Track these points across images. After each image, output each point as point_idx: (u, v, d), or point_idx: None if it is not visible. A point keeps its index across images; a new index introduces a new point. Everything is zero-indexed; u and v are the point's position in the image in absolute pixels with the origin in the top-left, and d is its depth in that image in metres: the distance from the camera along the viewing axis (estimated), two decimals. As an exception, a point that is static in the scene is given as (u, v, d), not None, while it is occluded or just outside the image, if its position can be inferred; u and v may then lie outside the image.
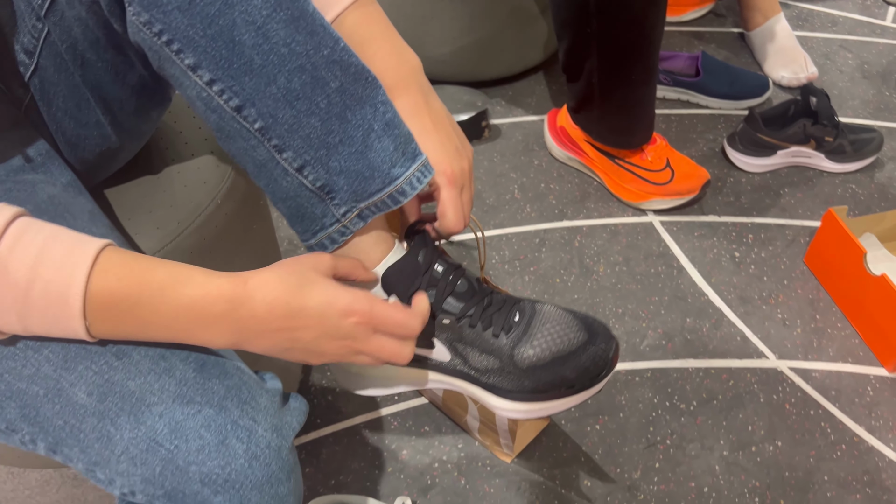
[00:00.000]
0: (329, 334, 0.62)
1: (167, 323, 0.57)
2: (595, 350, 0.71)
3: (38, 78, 0.70)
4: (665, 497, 1.09)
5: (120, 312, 0.55)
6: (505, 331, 0.71)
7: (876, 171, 1.57)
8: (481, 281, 0.74)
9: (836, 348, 1.27)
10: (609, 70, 1.33)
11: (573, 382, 0.71)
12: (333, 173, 0.64)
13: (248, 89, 0.60)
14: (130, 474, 0.59)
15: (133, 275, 0.56)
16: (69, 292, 0.53)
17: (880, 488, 1.10)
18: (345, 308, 0.61)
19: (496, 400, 0.73)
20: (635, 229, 1.46)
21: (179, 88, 0.64)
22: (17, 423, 0.61)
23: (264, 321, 0.59)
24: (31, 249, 0.53)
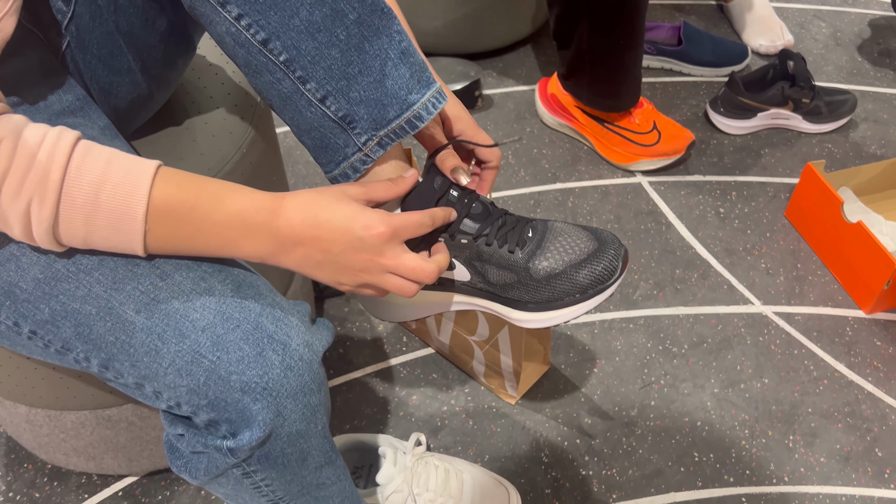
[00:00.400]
0: (354, 246, 0.65)
1: (218, 230, 0.62)
2: (605, 256, 0.76)
3: (75, 25, 0.74)
4: (661, 431, 1.16)
5: (177, 218, 0.60)
6: (520, 246, 0.76)
7: (850, 131, 1.65)
8: (493, 203, 0.79)
9: (816, 293, 1.35)
10: (598, 35, 1.40)
11: (587, 288, 0.76)
12: (354, 103, 0.68)
13: (272, 23, 0.65)
14: (177, 386, 0.64)
15: (191, 183, 0.61)
16: (134, 196, 0.58)
17: (860, 418, 1.18)
18: (366, 222, 0.65)
19: (517, 313, 0.78)
20: (625, 189, 1.53)
21: (209, 26, 0.68)
22: (71, 342, 0.65)
23: (297, 230, 0.64)
24: (100, 160, 0.58)
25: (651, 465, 1.12)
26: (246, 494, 0.74)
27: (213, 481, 0.72)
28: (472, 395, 1.20)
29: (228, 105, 0.91)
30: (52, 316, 0.64)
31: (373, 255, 0.66)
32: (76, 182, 0.56)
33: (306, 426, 0.68)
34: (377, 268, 0.67)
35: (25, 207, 0.56)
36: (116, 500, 1.09)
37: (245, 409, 0.64)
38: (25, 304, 0.64)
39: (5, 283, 0.64)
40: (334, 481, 0.79)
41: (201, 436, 0.67)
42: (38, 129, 0.57)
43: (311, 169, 1.57)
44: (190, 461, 0.71)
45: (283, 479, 0.72)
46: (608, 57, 1.43)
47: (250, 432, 0.64)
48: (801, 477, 1.11)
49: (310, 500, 0.78)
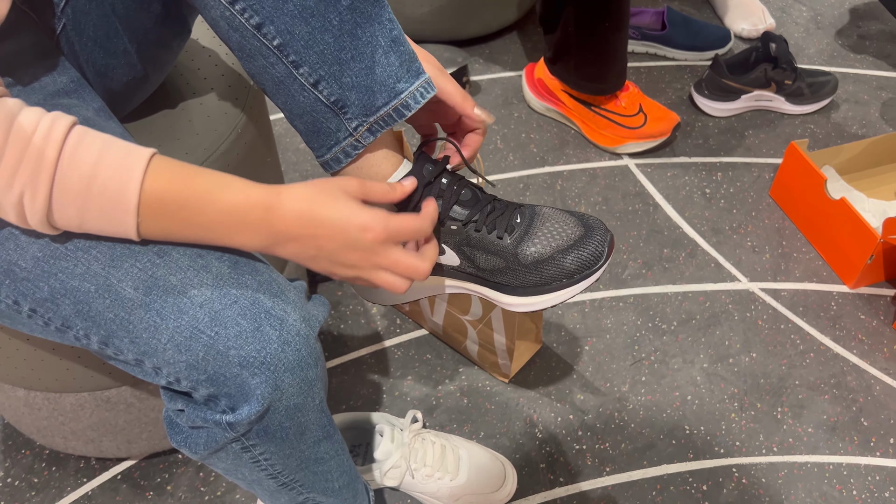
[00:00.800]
0: (349, 246, 0.65)
1: (210, 225, 0.62)
2: (592, 242, 0.78)
3: (71, 8, 0.75)
4: (652, 406, 1.18)
5: (169, 212, 0.61)
6: (508, 232, 0.77)
7: (832, 112, 1.68)
8: (483, 189, 0.81)
9: (801, 270, 1.37)
10: (584, 18, 1.41)
11: (574, 273, 0.78)
12: (346, 88, 0.69)
13: (266, 7, 0.65)
14: (176, 361, 0.65)
15: (181, 178, 0.61)
16: (126, 189, 0.58)
17: (846, 389, 1.20)
18: (363, 223, 0.65)
19: (506, 297, 0.80)
20: (612, 172, 1.55)
21: (203, 10, 0.69)
22: (71, 320, 0.66)
23: (292, 227, 0.63)
24: (92, 149, 0.58)
25: (643, 438, 1.14)
26: (245, 469, 0.75)
27: (212, 456, 0.73)
28: (465, 374, 1.22)
29: (222, 86, 0.92)
30: (52, 294, 0.65)
31: (367, 254, 0.67)
32: (68, 174, 0.57)
33: (304, 400, 0.69)
34: (371, 266, 0.68)
35: (18, 198, 0.56)
36: (115, 483, 1.09)
37: (244, 384, 0.65)
38: (25, 282, 0.65)
39: (4, 261, 0.65)
40: (332, 455, 0.81)
41: (200, 411, 0.68)
42: (33, 115, 0.57)
43: (300, 156, 1.58)
44: (189, 436, 0.72)
45: (281, 452, 0.73)
46: (594, 40, 1.45)
47: (249, 406, 0.65)
48: (789, 447, 1.13)
49: (308, 475, 0.79)
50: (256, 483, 0.78)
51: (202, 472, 1.10)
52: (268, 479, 0.76)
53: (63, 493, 1.08)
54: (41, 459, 1.12)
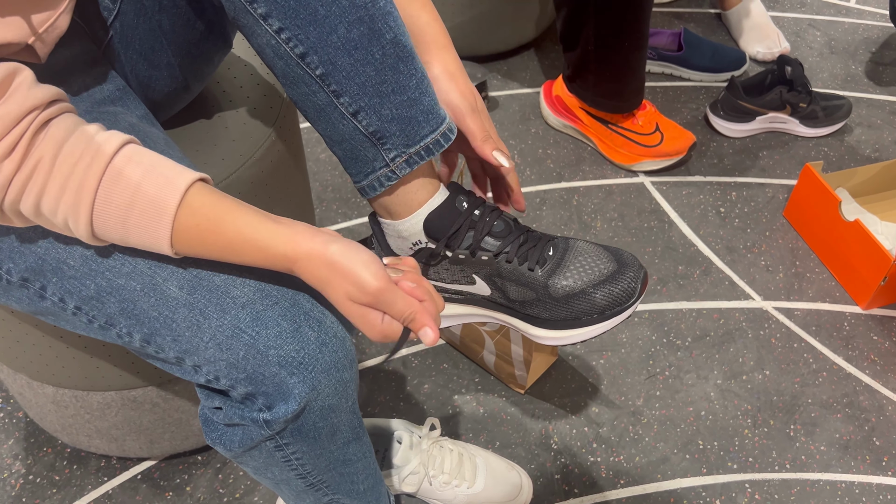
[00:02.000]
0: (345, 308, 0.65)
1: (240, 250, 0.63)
2: (624, 278, 0.77)
3: (120, 22, 0.77)
4: (667, 420, 1.19)
5: (202, 239, 0.62)
6: (539, 264, 0.77)
7: (845, 136, 1.70)
8: (517, 220, 0.80)
9: (815, 290, 1.39)
10: (604, 37, 1.44)
11: (604, 309, 0.77)
12: (385, 120, 0.71)
13: (311, 38, 0.67)
14: (217, 360, 0.66)
15: (210, 223, 0.61)
16: (160, 221, 0.60)
17: (858, 408, 1.22)
18: (367, 321, 0.64)
19: (535, 330, 0.80)
20: (628, 189, 1.57)
21: (250, 37, 0.71)
22: (115, 318, 0.68)
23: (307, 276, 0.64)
24: (129, 186, 0.59)
25: (657, 452, 1.15)
26: (276, 468, 0.76)
27: (246, 454, 0.74)
28: (482, 384, 1.23)
29: (258, 95, 0.94)
30: (98, 292, 0.67)
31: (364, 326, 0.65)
32: (105, 207, 0.59)
33: (338, 401, 0.71)
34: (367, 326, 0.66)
35: (63, 222, 0.59)
36: (135, 483, 1.11)
37: (282, 383, 0.66)
38: (72, 280, 0.67)
39: (53, 259, 0.67)
40: (360, 458, 0.82)
41: (238, 409, 0.70)
42: (78, 144, 0.58)
43: (321, 166, 1.60)
44: (225, 434, 0.74)
45: (312, 452, 0.74)
46: (613, 58, 1.47)
47: (286, 405, 0.67)
48: (802, 464, 1.14)
49: (335, 476, 0.80)
50: (284, 483, 0.79)
51: (221, 475, 1.11)
52: (297, 478, 0.77)
53: (84, 491, 1.10)
54: (63, 457, 1.13)
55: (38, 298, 0.69)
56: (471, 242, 0.76)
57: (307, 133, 1.67)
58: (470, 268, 0.78)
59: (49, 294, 0.68)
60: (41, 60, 0.67)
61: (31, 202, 0.58)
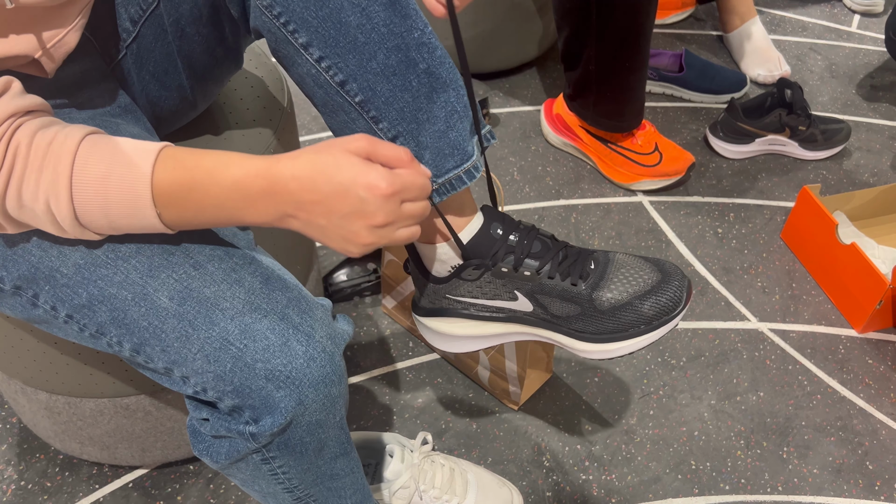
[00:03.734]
0: (356, 209, 0.62)
1: (219, 203, 0.62)
2: (670, 288, 0.78)
3: (137, 44, 0.78)
4: (659, 440, 1.19)
5: (180, 198, 0.61)
6: (582, 279, 0.77)
7: (844, 159, 1.71)
8: (555, 237, 0.80)
9: (810, 312, 1.39)
10: (606, 57, 1.45)
11: (652, 319, 0.77)
12: (421, 147, 0.72)
13: (351, 65, 0.69)
14: (204, 371, 0.67)
15: (185, 164, 0.61)
16: (138, 184, 0.60)
17: (852, 432, 1.21)
18: (369, 182, 0.61)
19: (582, 345, 0.79)
20: (626, 208, 1.58)
21: (290, 67, 0.72)
22: (106, 326, 0.68)
23: (296, 194, 0.61)
24: (105, 150, 0.60)
25: (649, 471, 1.15)
26: (263, 481, 0.76)
27: (232, 466, 0.74)
28: (475, 399, 1.23)
29: (258, 107, 0.95)
30: (90, 300, 0.67)
31: (379, 217, 0.63)
32: (83, 179, 0.59)
33: (325, 416, 0.71)
34: (385, 229, 0.64)
35: (45, 206, 0.59)
36: (126, 491, 1.11)
37: (268, 397, 0.66)
38: (65, 288, 0.67)
39: (47, 268, 0.67)
40: (347, 473, 0.82)
41: (225, 421, 0.70)
42: (50, 129, 0.59)
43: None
44: (212, 445, 0.74)
45: (299, 466, 0.75)
46: (614, 78, 1.48)
47: (272, 418, 0.67)
48: (794, 487, 1.14)
49: (323, 490, 0.80)
50: (272, 496, 0.79)
51: (212, 484, 1.11)
52: (284, 492, 0.77)
53: (75, 498, 1.10)
54: (55, 464, 1.14)
55: (30, 306, 0.69)
56: (511, 265, 0.76)
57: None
58: (512, 283, 0.77)
59: (41, 302, 0.69)
60: (48, 75, 0.68)
61: (13, 193, 0.58)
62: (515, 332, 0.82)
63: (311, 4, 0.67)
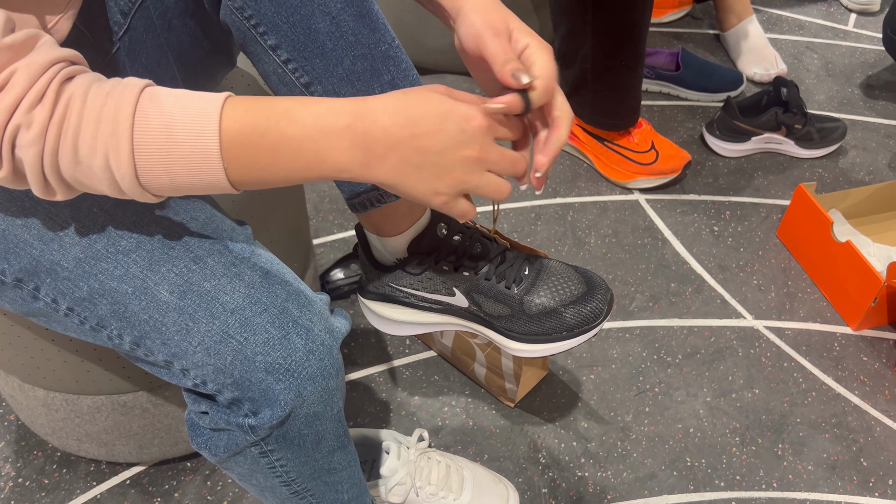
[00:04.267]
0: (457, 141, 0.59)
1: (297, 145, 0.58)
2: (593, 300, 0.83)
3: (128, 37, 0.78)
4: (655, 437, 1.20)
5: (252, 144, 0.57)
6: (516, 283, 0.82)
7: (840, 158, 1.72)
8: (496, 240, 0.85)
9: (806, 310, 1.40)
10: (602, 56, 1.46)
11: (573, 327, 0.83)
12: None
13: (317, 69, 0.70)
14: (204, 364, 0.67)
15: (259, 104, 0.58)
16: (205, 132, 0.56)
17: (846, 429, 1.22)
18: (464, 113, 0.59)
19: (508, 342, 0.85)
20: (623, 206, 1.58)
21: (257, 63, 0.74)
22: (107, 320, 0.69)
23: (388, 130, 0.58)
24: (165, 104, 0.56)
25: (645, 468, 1.16)
26: (260, 475, 0.77)
27: (230, 459, 0.75)
28: (472, 397, 1.24)
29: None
30: (90, 294, 0.68)
31: (476, 149, 0.60)
32: (145, 129, 0.55)
33: (323, 408, 0.72)
34: (480, 165, 0.61)
35: (104, 162, 0.55)
36: (124, 488, 1.11)
37: (268, 389, 0.67)
38: (66, 281, 0.68)
39: (48, 261, 0.68)
40: (344, 466, 0.83)
41: (224, 413, 0.70)
42: (107, 82, 0.57)
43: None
44: (210, 438, 0.74)
45: (297, 459, 0.75)
46: (610, 76, 1.49)
47: (271, 411, 0.68)
48: (789, 483, 1.15)
49: (320, 484, 0.81)
50: (269, 490, 0.80)
51: (209, 481, 1.12)
52: (281, 486, 0.78)
53: (72, 495, 1.10)
54: (52, 461, 1.14)
55: (31, 299, 0.70)
56: (451, 265, 0.81)
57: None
58: (451, 280, 0.82)
59: (42, 295, 0.69)
60: None
61: (68, 147, 0.54)
62: (450, 323, 0.87)
63: (282, 10, 0.68)
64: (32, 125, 0.53)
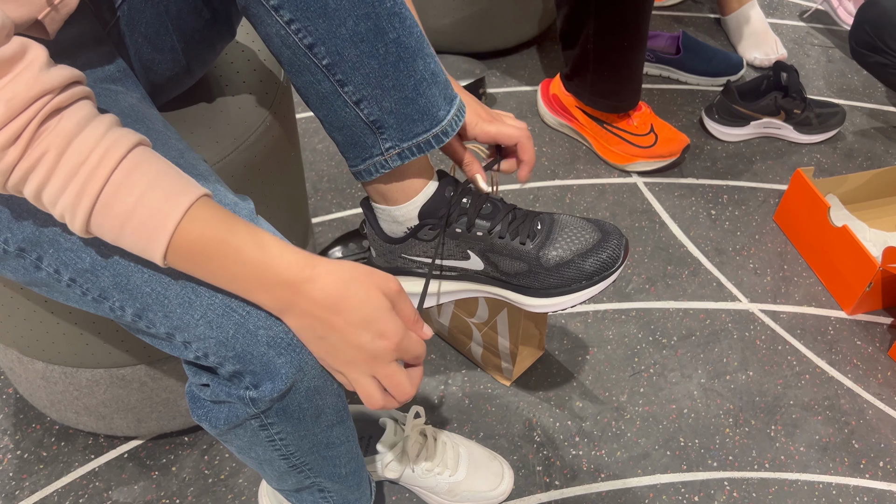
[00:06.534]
0: (358, 345, 0.65)
1: (231, 279, 0.63)
2: (609, 246, 0.82)
3: (128, 6, 0.78)
4: (649, 417, 1.21)
5: (194, 261, 0.61)
6: (530, 238, 0.82)
7: (838, 143, 1.72)
8: (503, 199, 0.85)
9: (801, 294, 1.40)
10: (604, 36, 1.45)
11: (592, 275, 0.82)
12: (385, 112, 0.74)
13: (320, 29, 0.70)
14: (206, 337, 0.68)
15: (218, 228, 0.61)
16: (157, 235, 0.59)
17: (839, 411, 1.23)
18: (383, 330, 0.64)
19: (527, 299, 0.84)
20: (621, 189, 1.58)
21: (259, 26, 0.73)
22: (109, 291, 0.69)
23: (313, 304, 0.63)
24: (138, 187, 0.58)
25: (638, 447, 1.17)
26: (259, 447, 0.77)
27: (230, 431, 0.75)
28: (468, 376, 1.25)
29: (254, 81, 0.95)
30: (93, 265, 0.68)
31: (370, 359, 0.66)
32: (104, 214, 0.58)
33: (323, 383, 0.72)
34: (365, 370, 0.67)
35: (60, 215, 0.58)
36: (122, 461, 1.12)
37: (269, 363, 0.68)
38: (68, 252, 0.68)
39: (51, 231, 0.68)
40: (343, 441, 0.83)
41: (225, 386, 0.71)
42: (87, 142, 0.57)
43: (317, 156, 1.62)
44: (211, 411, 0.75)
45: (296, 433, 0.76)
46: (612, 58, 1.49)
47: (272, 384, 0.68)
48: (781, 464, 1.16)
49: (318, 458, 0.81)
50: (267, 463, 0.80)
51: (207, 456, 1.13)
52: (280, 459, 0.78)
53: (70, 467, 1.11)
54: (51, 434, 1.15)
55: (33, 269, 0.70)
56: (464, 227, 0.80)
57: (304, 123, 1.69)
58: (465, 243, 0.82)
59: (45, 265, 0.69)
60: (50, 37, 0.68)
61: (32, 190, 0.57)
62: (466, 290, 0.86)
63: None
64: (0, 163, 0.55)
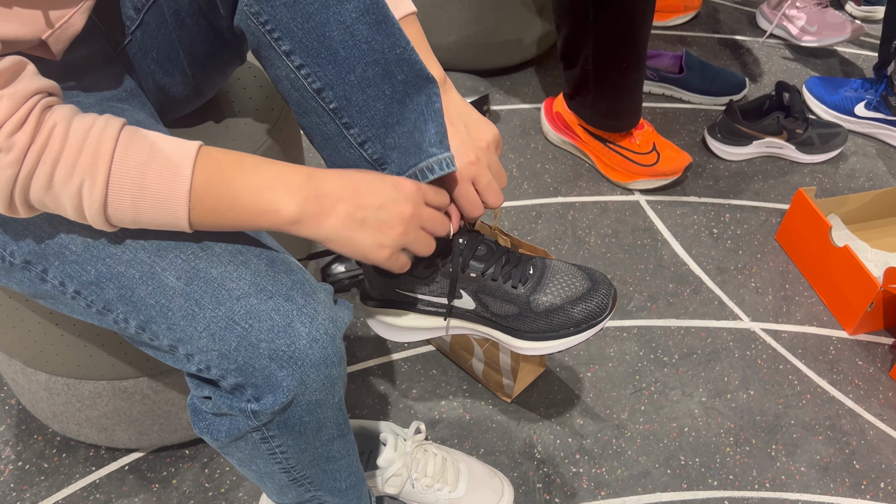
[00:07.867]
0: (393, 199, 0.70)
1: (257, 194, 0.65)
2: (598, 295, 0.84)
3: (140, 31, 0.80)
4: (650, 435, 1.21)
5: (218, 189, 0.64)
6: (522, 282, 0.83)
7: (840, 163, 1.73)
8: (497, 240, 0.86)
9: (803, 313, 1.41)
10: (603, 57, 1.47)
11: (580, 322, 0.83)
12: (388, 148, 0.75)
13: (329, 75, 0.72)
14: (209, 350, 0.68)
15: (229, 156, 0.65)
16: (179, 175, 0.61)
17: (840, 431, 1.23)
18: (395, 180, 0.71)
19: (515, 341, 0.86)
20: (623, 206, 1.59)
21: (269, 68, 0.75)
22: (113, 303, 0.70)
23: (336, 186, 0.68)
24: (144, 144, 0.61)
25: (639, 465, 1.17)
26: (260, 460, 0.78)
27: (232, 444, 0.76)
28: (469, 391, 1.25)
29: (260, 97, 0.97)
30: (98, 277, 0.69)
31: (410, 207, 0.71)
32: (123, 164, 0.60)
33: (325, 396, 0.73)
34: (415, 221, 0.71)
35: (77, 188, 0.59)
36: (122, 473, 1.12)
37: (271, 376, 0.68)
38: (73, 265, 0.69)
39: (56, 244, 0.69)
40: (343, 455, 0.84)
41: (227, 398, 0.71)
42: (88, 116, 0.60)
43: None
44: (212, 423, 0.75)
45: (297, 446, 0.76)
46: (612, 78, 1.50)
47: (274, 397, 0.69)
48: (781, 484, 1.16)
49: (318, 472, 0.82)
50: (268, 476, 0.81)
51: (207, 469, 1.13)
52: (280, 472, 0.79)
53: (71, 479, 1.11)
54: (52, 445, 1.15)
55: (38, 281, 0.71)
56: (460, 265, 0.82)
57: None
58: (459, 283, 0.83)
59: (50, 277, 0.70)
60: (56, 57, 0.69)
61: (45, 172, 0.58)
62: (456, 327, 0.88)
63: (297, 17, 0.69)
64: (13, 149, 0.57)
